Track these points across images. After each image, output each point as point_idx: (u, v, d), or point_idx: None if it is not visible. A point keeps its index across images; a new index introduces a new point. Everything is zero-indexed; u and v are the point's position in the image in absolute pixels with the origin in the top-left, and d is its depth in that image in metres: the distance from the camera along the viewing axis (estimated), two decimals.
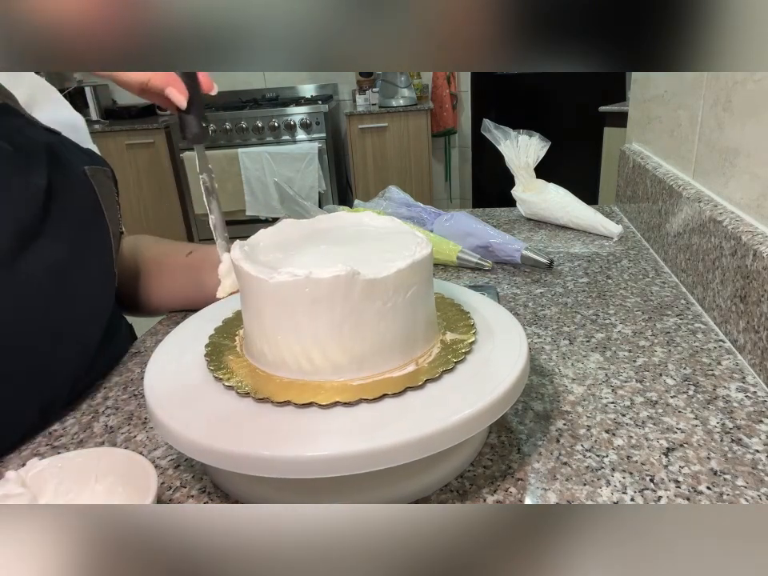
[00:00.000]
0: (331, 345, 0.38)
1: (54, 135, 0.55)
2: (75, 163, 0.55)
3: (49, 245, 0.50)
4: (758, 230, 0.53)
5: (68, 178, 0.53)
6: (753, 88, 0.56)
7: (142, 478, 0.36)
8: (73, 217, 0.53)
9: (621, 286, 0.72)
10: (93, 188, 0.56)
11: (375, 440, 0.34)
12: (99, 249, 0.57)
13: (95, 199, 0.56)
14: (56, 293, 0.51)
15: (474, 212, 1.06)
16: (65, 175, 0.53)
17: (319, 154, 2.96)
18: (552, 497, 0.40)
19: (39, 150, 0.51)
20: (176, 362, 0.44)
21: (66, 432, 0.50)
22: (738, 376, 0.52)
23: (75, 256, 0.53)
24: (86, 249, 0.55)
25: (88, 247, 0.55)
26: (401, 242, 0.44)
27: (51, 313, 0.50)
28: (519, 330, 0.45)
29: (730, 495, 0.39)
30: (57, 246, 0.51)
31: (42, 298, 0.49)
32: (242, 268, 0.39)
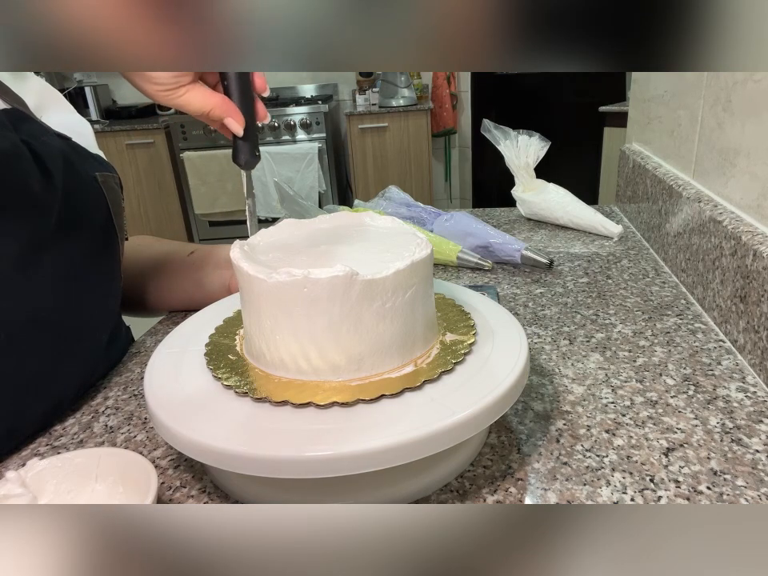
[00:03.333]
0: (329, 345, 0.38)
1: (65, 141, 0.55)
2: (87, 169, 0.55)
3: (62, 251, 0.50)
4: (758, 230, 0.53)
5: (81, 184, 0.54)
6: (753, 88, 0.56)
7: (142, 478, 0.36)
8: (85, 223, 0.53)
9: (621, 286, 0.72)
10: (103, 194, 0.56)
11: (374, 440, 0.34)
12: (109, 255, 0.57)
13: (106, 205, 0.56)
14: (67, 298, 0.51)
15: (474, 212, 1.07)
16: (78, 182, 0.53)
17: (319, 154, 2.96)
18: (552, 497, 0.40)
19: (55, 155, 0.51)
20: (176, 361, 0.44)
21: (66, 432, 0.50)
22: (738, 376, 0.52)
23: (86, 262, 0.53)
24: (97, 255, 0.55)
25: (99, 253, 0.55)
26: (401, 242, 0.44)
27: (62, 317, 0.51)
28: (519, 330, 0.45)
29: (729, 495, 0.39)
30: (70, 252, 0.51)
31: (53, 303, 0.50)
32: (240, 268, 0.39)
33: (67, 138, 0.55)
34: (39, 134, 0.51)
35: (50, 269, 0.49)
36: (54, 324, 0.50)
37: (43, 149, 0.50)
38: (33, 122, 0.52)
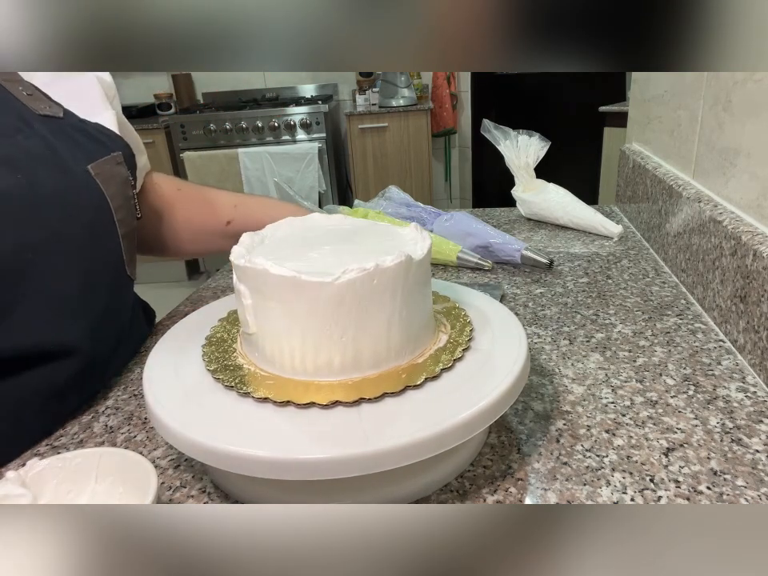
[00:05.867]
0: (329, 344, 0.38)
1: (54, 122, 0.51)
2: (77, 160, 0.51)
3: (55, 257, 0.48)
4: (758, 230, 0.53)
5: (72, 181, 0.50)
6: (753, 88, 0.56)
7: (142, 478, 0.36)
8: (77, 226, 0.50)
9: (621, 286, 0.72)
10: (99, 187, 0.52)
11: (376, 443, 0.34)
12: (107, 254, 0.54)
13: (102, 198, 0.53)
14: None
15: (474, 212, 1.07)
16: (69, 179, 0.50)
17: (319, 154, 2.96)
18: (552, 497, 0.40)
19: (39, 150, 0.48)
20: (176, 361, 0.44)
21: (66, 432, 0.50)
22: (738, 376, 0.52)
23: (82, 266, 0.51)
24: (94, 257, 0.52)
25: (96, 255, 0.53)
26: (399, 240, 0.44)
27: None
28: (519, 330, 0.45)
29: (729, 495, 0.39)
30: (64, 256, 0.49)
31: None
32: (239, 265, 0.39)
33: (58, 117, 0.52)
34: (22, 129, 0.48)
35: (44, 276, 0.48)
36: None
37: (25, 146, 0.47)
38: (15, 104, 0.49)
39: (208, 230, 0.73)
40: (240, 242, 0.43)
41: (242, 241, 0.43)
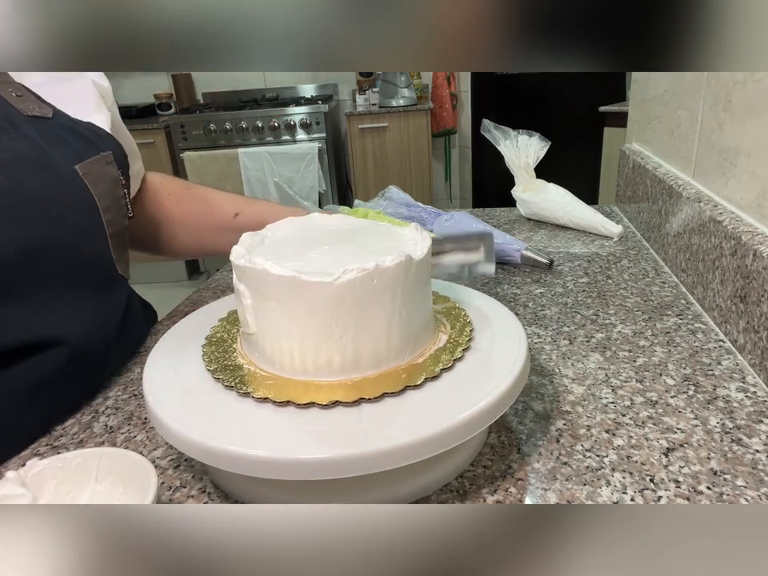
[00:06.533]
0: (329, 344, 0.38)
1: (42, 123, 0.51)
2: (65, 160, 0.51)
3: (41, 256, 0.48)
4: (758, 230, 0.53)
5: (58, 182, 0.50)
6: (753, 88, 0.56)
7: (142, 478, 0.36)
8: (63, 225, 0.50)
9: (621, 286, 0.72)
10: (86, 187, 0.52)
11: (375, 443, 0.34)
12: (94, 253, 0.54)
13: (90, 198, 0.53)
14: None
15: (474, 212, 1.07)
16: (55, 179, 0.50)
17: (319, 154, 2.96)
18: (552, 497, 0.40)
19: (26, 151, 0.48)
20: (175, 361, 0.44)
21: (66, 432, 0.50)
22: (738, 376, 0.52)
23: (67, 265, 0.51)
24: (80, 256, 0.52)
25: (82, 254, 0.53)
26: (399, 240, 0.44)
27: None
28: (519, 330, 0.45)
29: (729, 495, 0.39)
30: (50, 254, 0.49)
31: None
32: (239, 265, 0.39)
33: (45, 117, 0.52)
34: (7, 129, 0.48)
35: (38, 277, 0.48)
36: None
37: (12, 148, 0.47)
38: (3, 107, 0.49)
39: (214, 226, 0.73)
40: (240, 241, 0.43)
41: (242, 241, 0.43)
